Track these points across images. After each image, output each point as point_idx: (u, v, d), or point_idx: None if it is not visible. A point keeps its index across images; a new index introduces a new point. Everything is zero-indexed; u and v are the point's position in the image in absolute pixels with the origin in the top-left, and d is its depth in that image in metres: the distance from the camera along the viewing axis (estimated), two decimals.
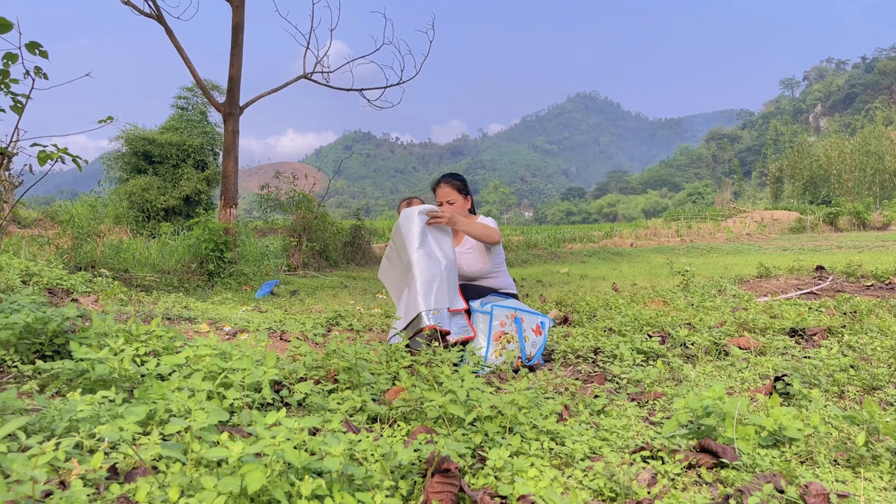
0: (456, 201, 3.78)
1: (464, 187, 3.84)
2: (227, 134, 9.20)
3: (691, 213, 41.95)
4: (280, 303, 6.14)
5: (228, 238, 8.22)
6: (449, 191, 3.79)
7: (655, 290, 6.03)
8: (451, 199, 3.78)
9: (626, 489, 1.53)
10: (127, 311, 4.16)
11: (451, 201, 3.78)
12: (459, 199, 3.79)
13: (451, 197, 3.78)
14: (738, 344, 3.27)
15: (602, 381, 2.74)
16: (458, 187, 3.80)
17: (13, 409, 1.73)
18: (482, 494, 1.45)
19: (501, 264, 3.80)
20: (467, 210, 3.84)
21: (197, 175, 23.57)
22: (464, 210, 3.80)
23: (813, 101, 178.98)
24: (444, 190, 3.80)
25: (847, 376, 2.56)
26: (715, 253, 15.75)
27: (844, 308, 4.48)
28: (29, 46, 4.50)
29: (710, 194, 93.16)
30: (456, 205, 3.77)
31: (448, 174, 3.90)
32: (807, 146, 61.89)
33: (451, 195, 3.78)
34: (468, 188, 3.89)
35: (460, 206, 3.78)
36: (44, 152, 4.44)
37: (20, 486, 1.13)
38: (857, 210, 34.54)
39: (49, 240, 7.26)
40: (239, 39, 9.07)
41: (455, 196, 3.78)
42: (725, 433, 1.80)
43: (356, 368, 2.35)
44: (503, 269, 3.82)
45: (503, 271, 3.82)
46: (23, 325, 2.46)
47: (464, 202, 3.81)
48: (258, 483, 1.20)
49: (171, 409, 1.78)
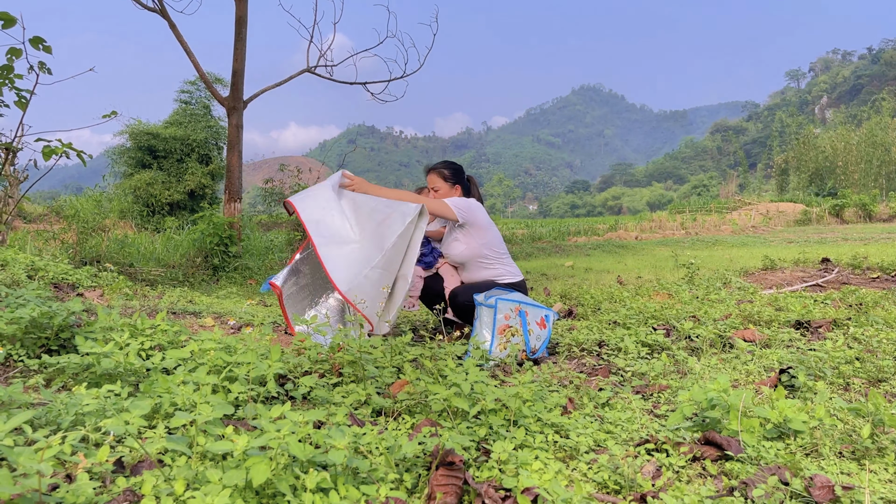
0: (441, 188, 3.79)
1: (451, 175, 3.81)
2: (231, 128, 9.19)
3: (696, 206, 41.79)
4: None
5: (233, 232, 8.23)
6: (434, 178, 3.82)
7: (660, 283, 6.02)
8: (435, 186, 3.81)
9: (631, 482, 1.53)
10: (132, 305, 4.18)
11: (436, 188, 3.80)
12: (445, 186, 3.79)
13: (437, 185, 3.80)
14: (743, 336, 3.27)
15: (606, 373, 2.74)
16: (445, 175, 3.80)
17: (19, 403, 1.74)
18: (486, 487, 1.45)
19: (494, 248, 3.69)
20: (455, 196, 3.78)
21: (201, 169, 23.62)
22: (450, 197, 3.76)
23: (819, 92, 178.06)
24: (431, 177, 3.84)
25: (852, 368, 2.55)
26: (720, 245, 15.70)
27: (850, 300, 4.46)
28: (33, 41, 4.51)
29: (715, 187, 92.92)
30: (440, 192, 3.79)
31: (439, 162, 3.90)
32: (812, 138, 61.50)
33: (436, 182, 3.81)
34: (459, 177, 3.84)
35: (444, 194, 3.78)
36: (48, 147, 4.45)
37: (26, 480, 1.14)
38: (864, 202, 34.34)
39: (54, 234, 7.28)
40: (242, 33, 9.05)
41: (440, 184, 3.79)
42: (730, 425, 1.79)
43: (360, 362, 2.36)
44: (499, 254, 3.72)
45: (500, 257, 3.72)
46: (29, 319, 2.47)
47: (449, 189, 3.79)
48: (263, 476, 1.21)
49: (177, 403, 1.78)
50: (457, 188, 3.83)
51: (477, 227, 3.64)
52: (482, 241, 3.66)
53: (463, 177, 3.88)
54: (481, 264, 3.69)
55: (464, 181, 3.88)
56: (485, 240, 3.67)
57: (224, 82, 21.51)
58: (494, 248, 3.70)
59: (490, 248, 3.68)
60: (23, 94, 4.65)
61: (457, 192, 3.82)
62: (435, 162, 3.97)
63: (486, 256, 3.68)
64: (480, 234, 3.66)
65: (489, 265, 3.69)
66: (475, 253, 3.66)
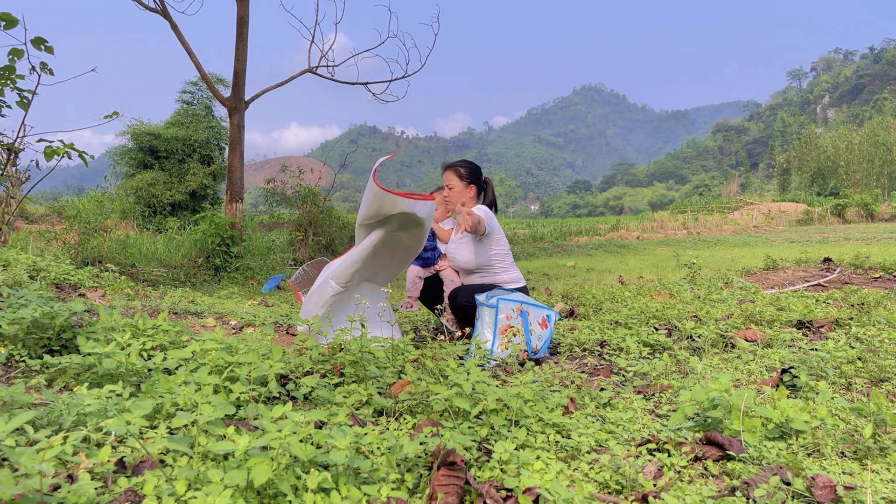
0: (455, 186, 3.82)
1: (467, 174, 3.84)
2: (233, 128, 9.20)
3: (698, 206, 41.73)
4: (286, 297, 6.16)
5: (234, 232, 8.24)
6: (450, 175, 3.86)
7: (662, 283, 6.01)
8: (450, 184, 3.85)
9: (632, 482, 1.52)
10: (134, 305, 4.18)
11: (451, 186, 3.84)
12: (459, 185, 3.82)
13: (452, 182, 3.84)
14: (744, 336, 3.26)
15: (608, 373, 2.74)
16: (460, 174, 3.83)
17: (21, 403, 1.74)
18: (488, 487, 1.45)
19: (503, 258, 3.72)
20: (469, 197, 3.83)
21: (203, 170, 23.62)
22: (463, 196, 3.81)
23: (820, 92, 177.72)
24: (447, 174, 3.88)
25: (854, 368, 2.55)
26: (721, 245, 15.69)
27: (852, 300, 4.45)
28: (34, 42, 4.51)
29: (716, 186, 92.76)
30: (455, 190, 3.83)
31: (458, 160, 3.93)
32: (814, 137, 61.41)
33: (451, 180, 3.85)
34: (475, 177, 3.86)
35: (458, 192, 3.82)
36: (50, 148, 4.45)
37: (28, 480, 1.14)
38: (866, 201, 34.30)
39: (56, 235, 7.29)
40: (243, 33, 9.06)
41: (455, 182, 3.83)
42: (732, 425, 1.79)
43: (362, 362, 2.36)
44: (505, 264, 3.74)
45: (506, 266, 3.73)
46: (30, 319, 2.47)
47: (464, 188, 3.82)
48: (264, 476, 1.21)
49: (178, 403, 1.78)
50: (471, 188, 3.84)
51: (490, 237, 3.68)
52: (492, 251, 3.69)
53: (479, 178, 3.90)
54: (486, 272, 3.70)
55: (479, 182, 3.89)
56: (494, 249, 3.70)
57: (225, 83, 21.53)
58: (502, 257, 3.73)
59: (498, 257, 3.72)
60: (24, 94, 4.66)
61: (471, 191, 3.84)
62: (451, 160, 4.00)
63: (492, 266, 3.69)
64: (491, 245, 3.68)
65: (494, 273, 3.69)
66: (483, 262, 3.68)
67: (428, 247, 3.98)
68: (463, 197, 3.80)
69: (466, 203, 3.79)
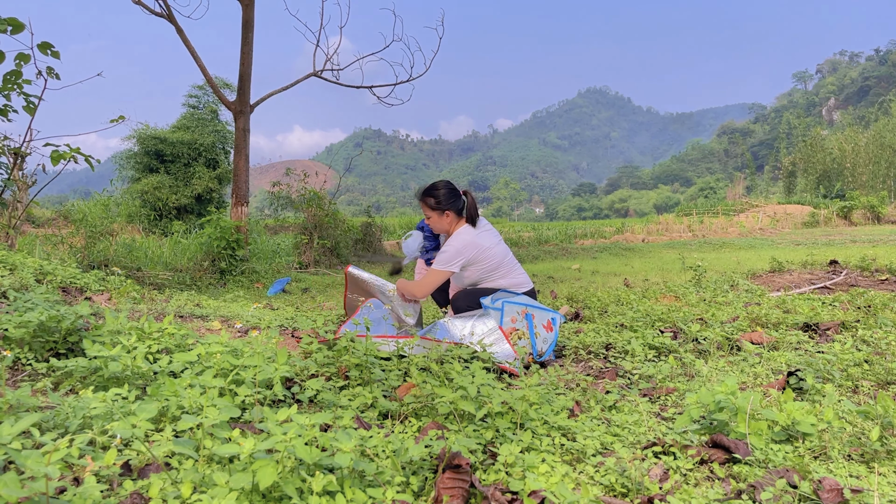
0: (431, 216, 3.75)
1: (437, 203, 3.67)
2: (238, 132, 9.23)
3: (703, 208, 41.69)
4: (291, 300, 6.17)
5: (240, 236, 8.26)
6: (423, 207, 3.76)
7: (667, 286, 6.00)
8: (427, 214, 3.77)
9: (638, 485, 1.52)
10: (140, 308, 4.19)
11: (428, 216, 3.78)
12: (433, 215, 3.72)
13: (427, 213, 3.76)
14: (750, 339, 3.25)
15: (613, 376, 2.73)
16: (431, 204, 3.69)
17: (27, 406, 1.75)
18: (493, 490, 1.45)
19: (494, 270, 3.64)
20: (448, 223, 3.72)
21: (208, 173, 23.70)
22: (442, 223, 3.73)
23: (826, 94, 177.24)
24: (422, 205, 3.78)
25: (861, 371, 2.54)
26: (727, 248, 15.65)
27: (858, 302, 4.43)
28: (41, 47, 4.54)
29: (722, 189, 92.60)
30: (432, 220, 3.76)
31: (425, 190, 3.78)
32: (820, 140, 61.26)
33: (426, 211, 3.77)
34: (448, 200, 3.67)
35: (436, 221, 3.74)
36: (57, 152, 4.48)
37: (34, 483, 1.14)
38: (872, 204, 34.19)
39: (62, 238, 7.32)
40: (249, 37, 9.09)
41: (429, 212, 3.74)
42: (738, 428, 1.78)
43: (367, 365, 2.36)
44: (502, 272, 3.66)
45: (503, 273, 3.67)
46: (37, 323, 2.48)
47: (439, 217, 3.71)
48: (270, 479, 1.21)
49: (184, 406, 1.79)
50: (447, 214, 3.69)
51: (472, 264, 3.62)
52: (476, 274, 3.66)
53: (453, 199, 3.69)
54: (482, 282, 3.68)
55: (455, 203, 3.68)
56: (482, 266, 3.63)
57: (231, 87, 21.60)
58: (491, 271, 3.65)
59: (486, 273, 3.65)
60: (31, 99, 4.69)
61: (447, 217, 3.70)
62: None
63: (484, 280, 3.67)
64: (476, 267, 3.64)
65: (492, 280, 3.67)
66: (475, 280, 3.68)
67: (433, 248, 3.98)
68: (442, 224, 3.72)
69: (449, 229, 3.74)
